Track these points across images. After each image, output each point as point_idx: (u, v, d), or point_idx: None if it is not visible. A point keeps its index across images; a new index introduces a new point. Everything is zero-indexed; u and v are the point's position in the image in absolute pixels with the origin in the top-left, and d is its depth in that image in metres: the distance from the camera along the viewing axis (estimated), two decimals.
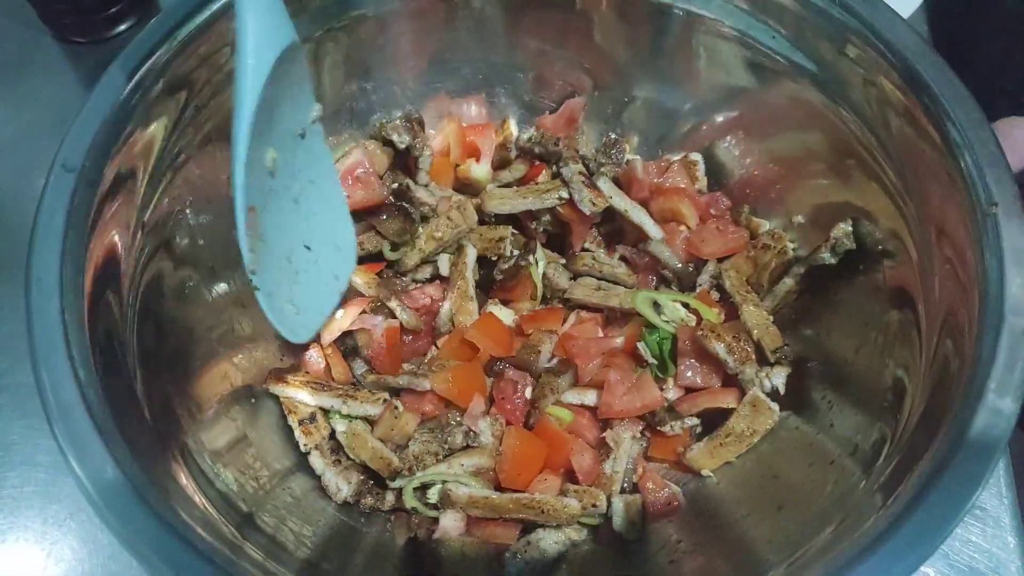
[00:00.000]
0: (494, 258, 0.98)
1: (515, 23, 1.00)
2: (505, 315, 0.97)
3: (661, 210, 0.99)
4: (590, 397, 0.90)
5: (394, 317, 0.94)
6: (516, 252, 0.98)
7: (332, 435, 0.89)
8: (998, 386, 0.61)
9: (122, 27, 1.20)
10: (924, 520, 0.57)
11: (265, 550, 0.66)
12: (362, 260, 0.97)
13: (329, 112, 0.91)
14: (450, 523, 0.82)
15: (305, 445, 0.86)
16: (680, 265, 0.96)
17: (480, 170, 1.05)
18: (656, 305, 0.91)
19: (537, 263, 0.99)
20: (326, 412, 0.89)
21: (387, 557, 0.81)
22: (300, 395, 0.87)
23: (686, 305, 0.92)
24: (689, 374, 0.88)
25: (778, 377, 0.85)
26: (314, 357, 0.94)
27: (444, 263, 1.00)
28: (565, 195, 0.97)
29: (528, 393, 0.90)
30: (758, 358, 0.87)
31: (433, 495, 0.84)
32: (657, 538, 0.82)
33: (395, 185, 0.97)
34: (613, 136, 1.06)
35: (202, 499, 0.65)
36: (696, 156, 1.03)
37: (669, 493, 0.84)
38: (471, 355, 0.92)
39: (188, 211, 0.81)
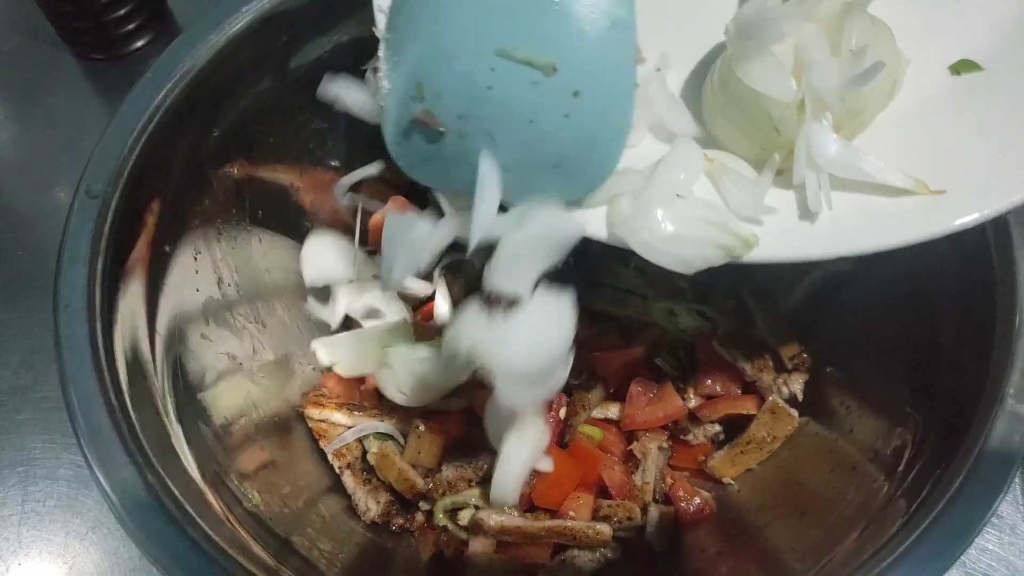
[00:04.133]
0: None
1: None
2: None
3: None
4: (613, 411, 0.91)
5: None
6: None
7: (363, 456, 0.89)
8: (1016, 391, 0.62)
9: (140, 43, 1.22)
10: (947, 528, 0.57)
11: (298, 571, 0.67)
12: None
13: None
14: (479, 547, 0.82)
15: (339, 467, 0.87)
16: (694, 274, 0.96)
17: None
18: (672, 314, 0.92)
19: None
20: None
21: (415, 574, 0.82)
22: (335, 416, 0.88)
23: (702, 314, 0.92)
24: (708, 382, 0.89)
25: (796, 383, 0.86)
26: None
27: None
28: None
29: (562, 414, 0.90)
30: (775, 365, 0.88)
31: (463, 517, 0.84)
32: (683, 547, 0.82)
33: None
34: None
35: (232, 520, 0.66)
36: None
37: (700, 500, 0.85)
38: None
39: (210, 234, 0.82)
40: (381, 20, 0.64)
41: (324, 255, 0.97)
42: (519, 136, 0.55)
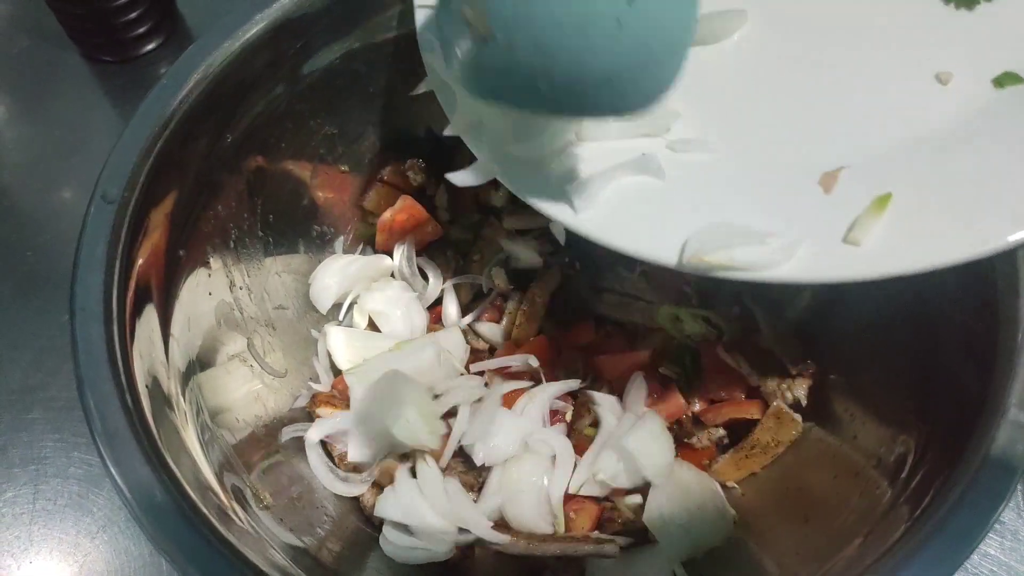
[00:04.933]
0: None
1: None
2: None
3: None
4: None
5: None
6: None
7: None
8: (1019, 400, 0.62)
9: (150, 46, 1.22)
10: (950, 535, 0.58)
11: (308, 570, 0.68)
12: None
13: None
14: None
15: (345, 468, 0.87)
16: (700, 280, 0.97)
17: (500, 198, 1.05)
18: (678, 320, 0.93)
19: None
20: None
21: (422, 573, 0.82)
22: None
23: (707, 320, 0.93)
24: (713, 388, 0.90)
25: (799, 389, 0.87)
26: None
27: (500, 276, 1.00)
28: None
29: (568, 416, 0.91)
30: (779, 371, 0.89)
31: None
32: None
33: None
34: None
35: (245, 520, 0.67)
36: None
37: None
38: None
39: (223, 238, 0.84)
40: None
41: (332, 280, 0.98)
42: (569, 47, 0.52)
